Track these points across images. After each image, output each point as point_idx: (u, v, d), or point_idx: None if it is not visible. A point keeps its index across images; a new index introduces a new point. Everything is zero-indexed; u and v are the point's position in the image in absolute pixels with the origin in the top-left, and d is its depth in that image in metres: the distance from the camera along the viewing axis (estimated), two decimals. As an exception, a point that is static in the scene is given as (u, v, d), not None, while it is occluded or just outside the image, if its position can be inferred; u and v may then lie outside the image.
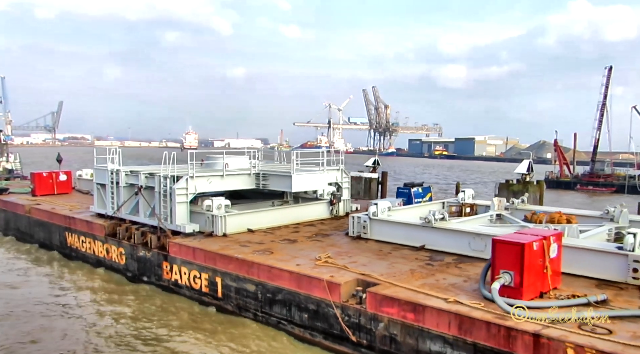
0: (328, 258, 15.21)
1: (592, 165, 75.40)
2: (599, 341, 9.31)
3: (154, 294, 18.31)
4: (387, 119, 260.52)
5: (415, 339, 11.60)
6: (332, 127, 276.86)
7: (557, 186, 71.86)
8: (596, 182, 71.11)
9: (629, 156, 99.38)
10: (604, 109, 71.89)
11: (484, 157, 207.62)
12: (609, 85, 71.18)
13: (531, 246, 11.33)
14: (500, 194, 28.20)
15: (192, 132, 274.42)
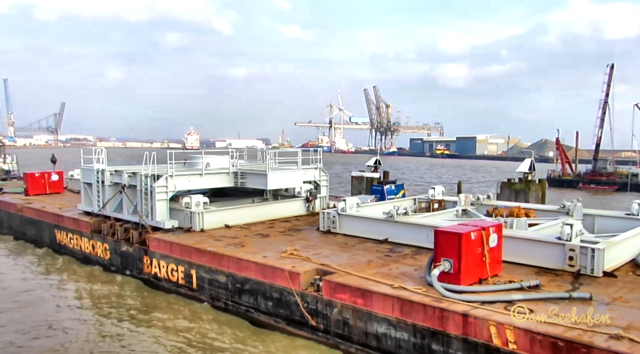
0: (294, 251, 16.24)
1: (594, 163, 75.29)
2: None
3: (133, 287, 19.32)
4: (389, 119, 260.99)
5: (364, 322, 12.64)
6: (334, 127, 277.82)
7: (559, 184, 71.91)
8: (598, 181, 71.00)
9: (631, 154, 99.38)
10: (606, 107, 71.75)
11: (485, 156, 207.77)
12: (610, 83, 71.12)
13: (469, 236, 12.36)
14: (502, 193, 28.61)
15: (193, 133, 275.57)
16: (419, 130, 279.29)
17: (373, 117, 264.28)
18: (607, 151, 79.38)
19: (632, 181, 67.80)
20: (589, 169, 76.40)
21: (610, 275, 13.32)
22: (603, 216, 19.15)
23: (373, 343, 12.50)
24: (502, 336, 10.25)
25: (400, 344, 11.96)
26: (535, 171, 28.13)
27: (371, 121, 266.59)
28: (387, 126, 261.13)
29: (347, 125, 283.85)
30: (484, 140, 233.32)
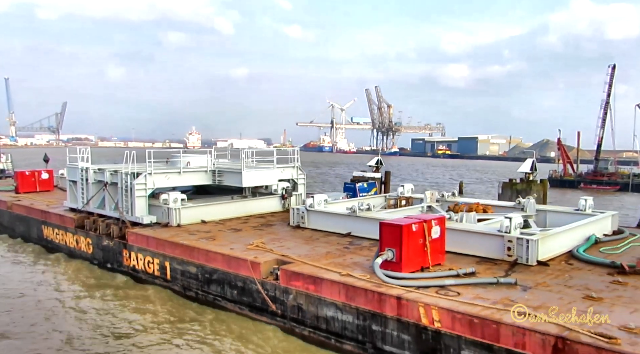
0: (260, 243, 17.39)
1: (596, 163, 75.52)
2: (442, 300, 11.53)
3: (113, 280, 20.47)
4: (390, 119, 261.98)
5: (315, 307, 13.80)
6: (335, 127, 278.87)
7: (561, 184, 72.18)
8: (600, 181, 71.19)
9: (633, 154, 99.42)
10: (608, 107, 72.02)
11: (487, 156, 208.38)
12: (612, 84, 71.36)
13: (410, 227, 13.53)
14: (504, 193, 28.68)
15: (195, 133, 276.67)
16: (421, 130, 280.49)
17: (375, 117, 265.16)
18: (609, 151, 79.59)
19: (634, 181, 67.67)
20: (590, 169, 76.51)
21: (543, 264, 14.50)
22: (554, 211, 20.35)
23: (323, 326, 13.67)
24: (429, 316, 11.42)
25: (346, 326, 13.13)
26: (536, 171, 28.12)
27: (373, 121, 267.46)
28: (389, 126, 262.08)
29: (349, 125, 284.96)
30: (485, 140, 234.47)
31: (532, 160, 28.31)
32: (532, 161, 28.19)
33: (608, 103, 71.63)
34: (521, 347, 10.05)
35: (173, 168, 23.72)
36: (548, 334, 9.72)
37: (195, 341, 14.32)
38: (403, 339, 11.98)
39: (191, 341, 14.32)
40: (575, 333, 9.57)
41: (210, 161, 24.97)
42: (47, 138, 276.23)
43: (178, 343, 14.21)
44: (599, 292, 11.98)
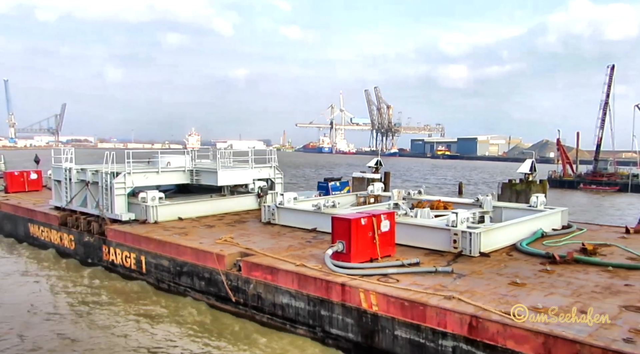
0: (229, 238, 18.54)
1: (595, 164, 75.59)
2: (380, 286, 12.70)
3: (92, 274, 21.58)
4: (390, 120, 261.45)
5: (272, 295, 14.95)
6: (335, 128, 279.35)
7: (560, 185, 72.10)
8: (599, 181, 70.99)
9: (632, 154, 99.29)
10: (607, 107, 71.99)
11: (486, 157, 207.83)
12: (611, 84, 71.40)
13: (358, 221, 14.70)
14: (503, 193, 28.73)
15: (194, 134, 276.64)
16: (420, 131, 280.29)
17: (374, 118, 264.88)
18: (608, 152, 79.24)
19: (633, 182, 67.56)
20: (589, 169, 76.58)
21: (484, 255, 15.69)
22: (509, 208, 21.56)
23: (279, 312, 14.82)
24: (368, 301, 12.59)
25: (299, 312, 14.28)
26: (536, 171, 28.04)
27: (372, 121, 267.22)
28: (388, 126, 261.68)
29: (348, 126, 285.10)
30: (485, 141, 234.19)
31: (532, 160, 28.33)
32: (532, 161, 28.22)
33: (607, 103, 71.81)
34: (443, 326, 11.23)
35: (151, 168, 24.82)
36: (465, 314, 10.90)
37: (163, 330, 15.41)
38: (347, 323, 13.14)
39: (159, 330, 15.42)
40: (487, 312, 10.75)
41: (189, 161, 26.08)
42: (46, 139, 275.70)
43: (150, 332, 15.30)
44: (525, 279, 13.18)
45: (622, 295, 11.91)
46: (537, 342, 9.88)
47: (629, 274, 13.65)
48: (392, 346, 12.20)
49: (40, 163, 49.22)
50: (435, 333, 11.37)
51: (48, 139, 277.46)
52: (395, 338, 12.14)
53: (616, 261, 14.68)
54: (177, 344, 14.33)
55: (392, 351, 12.21)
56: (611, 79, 71.21)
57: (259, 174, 27.48)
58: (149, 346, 14.20)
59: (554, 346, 9.66)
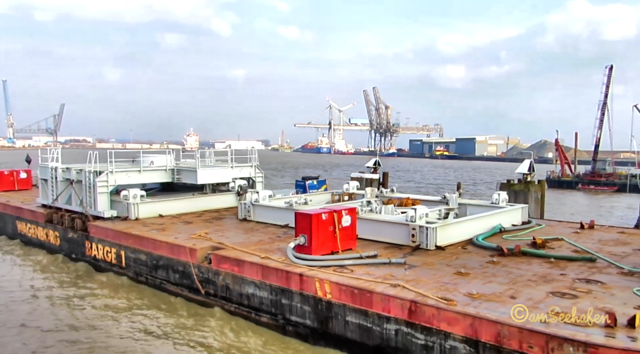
0: (203, 233, 19.48)
1: (594, 164, 75.70)
2: (333, 276, 13.69)
3: (76, 269, 22.51)
4: (388, 120, 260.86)
5: (239, 285, 15.92)
6: (333, 128, 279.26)
7: (559, 185, 72.14)
8: (598, 182, 71.02)
9: (631, 154, 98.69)
10: (605, 108, 72.00)
11: (485, 157, 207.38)
12: (609, 85, 71.26)
13: (319, 216, 15.68)
14: None
15: (193, 134, 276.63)
16: (419, 131, 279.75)
17: (373, 118, 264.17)
18: (606, 152, 79.63)
19: (631, 182, 67.45)
20: (588, 170, 76.74)
21: (440, 248, 16.69)
22: (472, 204, 22.58)
23: (245, 302, 15.79)
24: (323, 289, 13.58)
25: (262, 301, 15.26)
26: (534, 172, 27.95)
27: (371, 122, 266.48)
28: (387, 127, 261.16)
29: (347, 126, 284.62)
30: (483, 141, 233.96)
31: (530, 161, 28.29)
32: (530, 161, 28.18)
33: (605, 104, 71.81)
34: (387, 311, 12.22)
35: (134, 167, 25.75)
36: (405, 300, 11.90)
37: (140, 321, 16.34)
38: (305, 310, 14.13)
39: (136, 321, 16.34)
40: (425, 298, 11.76)
41: (171, 160, 27.03)
42: (45, 140, 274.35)
43: (127, 322, 16.24)
44: (470, 269, 14.19)
45: (554, 283, 12.94)
46: (465, 323, 10.89)
47: (568, 265, 14.68)
48: (344, 331, 13.20)
49: (31, 163, 50.00)
50: (381, 318, 12.37)
51: (46, 139, 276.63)
52: (346, 324, 13.13)
53: (558, 253, 15.72)
54: (152, 337, 15.27)
55: (344, 336, 13.20)
56: (609, 79, 71.18)
57: (240, 173, 28.45)
58: (125, 337, 15.11)
59: (480, 326, 10.67)
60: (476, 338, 10.72)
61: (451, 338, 11.12)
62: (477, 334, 10.71)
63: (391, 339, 12.21)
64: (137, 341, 14.76)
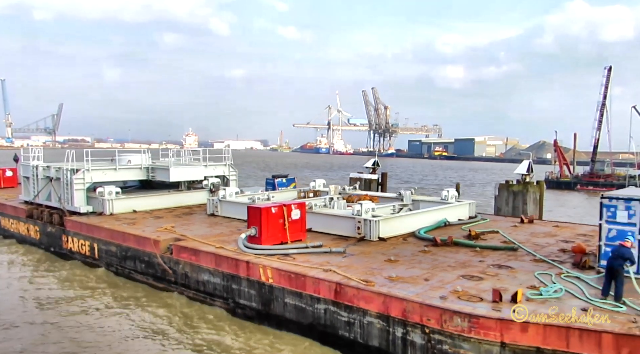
0: (169, 227, 20.95)
1: (592, 165, 75.60)
2: (275, 262, 15.21)
3: (53, 260, 23.95)
4: (387, 120, 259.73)
5: (197, 273, 17.41)
6: (332, 128, 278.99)
7: (558, 186, 72.26)
8: (596, 182, 70.80)
9: (629, 155, 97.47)
10: (604, 109, 71.77)
11: (483, 157, 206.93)
12: (608, 86, 71.01)
13: (269, 210, 17.19)
14: (500, 194, 28.39)
15: (191, 134, 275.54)
16: (417, 131, 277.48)
17: (371, 119, 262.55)
18: (605, 153, 78.97)
19: (630, 183, 66.27)
20: (586, 170, 76.72)
21: (382, 240, 18.23)
22: (425, 201, 24.13)
23: (202, 288, 17.28)
24: (266, 275, 15.09)
25: (216, 287, 16.76)
26: (533, 172, 28.02)
27: (369, 122, 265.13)
28: (386, 127, 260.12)
29: (346, 126, 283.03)
30: (482, 141, 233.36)
31: (529, 161, 28.38)
32: (529, 162, 28.25)
33: (604, 105, 71.68)
34: (317, 292, 13.74)
35: (109, 165, 27.19)
36: (332, 282, 13.43)
37: (110, 306, 17.80)
38: (251, 294, 15.63)
39: (107, 305, 17.81)
40: (348, 280, 13.28)
41: (146, 159, 28.48)
42: (43, 139, 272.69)
43: (97, 307, 17.71)
44: (401, 257, 15.74)
45: (469, 268, 14.50)
46: (379, 301, 12.43)
47: (490, 253, 16.26)
48: (283, 311, 14.71)
49: (19, 162, 51.30)
50: (312, 299, 13.88)
51: (45, 138, 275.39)
52: (285, 305, 14.64)
53: (485, 244, 17.29)
54: (113, 322, 16.74)
55: (283, 316, 14.71)
56: (608, 80, 71.16)
57: (214, 172, 29.92)
58: (93, 324, 16.56)
59: (390, 303, 12.20)
60: (387, 314, 12.26)
61: (368, 314, 12.66)
62: (388, 311, 12.24)
63: (321, 317, 13.73)
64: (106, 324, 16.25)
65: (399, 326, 12.08)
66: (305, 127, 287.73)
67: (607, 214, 13.72)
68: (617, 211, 13.50)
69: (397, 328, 12.10)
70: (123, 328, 15.72)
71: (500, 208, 27.79)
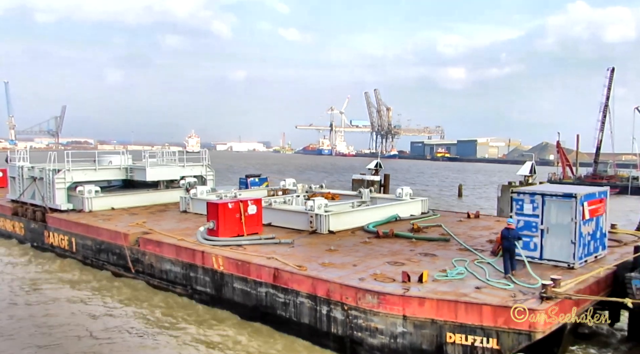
0: (141, 222, 22.63)
1: (595, 166, 75.32)
2: (226, 252, 16.91)
3: (35, 254, 25.65)
4: (389, 122, 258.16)
5: (160, 263, 19.10)
6: (334, 130, 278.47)
7: None
8: (599, 184, 68.73)
9: (632, 157, 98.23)
10: (607, 110, 71.07)
11: (486, 159, 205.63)
12: (611, 87, 70.60)
13: (226, 205, 18.90)
14: (503, 195, 28.10)
15: (194, 136, 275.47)
16: (420, 133, 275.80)
17: (374, 120, 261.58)
18: (608, 154, 78.41)
19: (633, 184, 66.92)
20: (589, 172, 76.38)
21: (332, 233, 19.93)
22: (382, 198, 25.87)
23: (164, 277, 18.98)
24: (217, 263, 16.79)
25: (176, 275, 18.46)
26: (536, 173, 27.97)
27: (372, 123, 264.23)
28: (388, 128, 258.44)
29: (348, 128, 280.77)
30: (484, 143, 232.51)
31: (532, 163, 28.33)
32: (532, 163, 28.20)
33: (607, 106, 70.90)
34: (260, 277, 15.45)
35: (90, 165, 28.91)
36: (271, 267, 15.13)
37: (87, 293, 19.50)
38: (206, 281, 17.33)
39: (85, 291, 19.51)
40: (285, 266, 14.99)
41: (126, 160, 30.23)
42: (46, 141, 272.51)
43: (76, 295, 19.41)
44: (342, 248, 17.43)
45: (398, 256, 16.21)
46: (308, 283, 14.13)
47: (424, 244, 18.00)
48: (232, 295, 16.41)
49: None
50: (256, 283, 15.59)
51: (48, 140, 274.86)
52: (233, 289, 16.34)
53: (422, 235, 19.02)
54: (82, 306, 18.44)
55: (232, 299, 16.41)
56: (611, 81, 70.73)
57: (191, 172, 31.66)
58: (71, 310, 18.25)
59: (317, 284, 13.91)
60: (315, 294, 13.97)
61: (300, 295, 14.36)
62: (316, 291, 13.95)
63: (262, 299, 15.43)
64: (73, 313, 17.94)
65: (324, 304, 13.78)
66: (308, 128, 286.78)
67: (516, 207, 15.42)
68: (524, 204, 15.21)
69: (323, 306, 13.80)
70: (93, 312, 17.40)
71: (503, 209, 27.39)
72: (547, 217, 14.80)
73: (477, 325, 11.64)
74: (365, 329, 12.92)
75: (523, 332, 11.27)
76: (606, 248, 16.07)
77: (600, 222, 15.65)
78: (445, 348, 12.01)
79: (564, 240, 14.53)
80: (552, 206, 14.69)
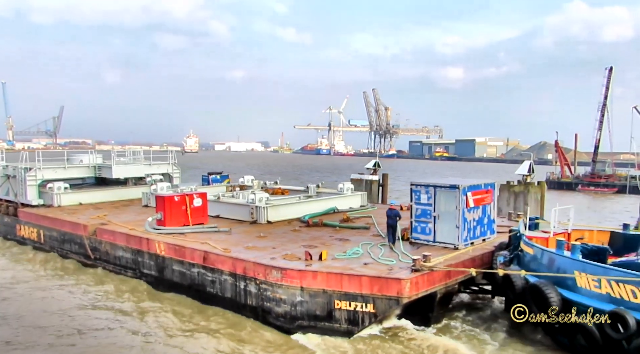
0: (102, 215, 24.84)
1: (593, 166, 75.55)
2: (167, 238, 19.19)
3: (7, 246, 27.80)
4: (388, 121, 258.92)
5: (114, 250, 21.35)
6: (333, 129, 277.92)
7: (559, 186, 72.34)
8: (597, 183, 70.88)
9: (630, 156, 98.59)
10: (605, 109, 71.27)
11: (484, 158, 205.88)
12: (609, 86, 70.60)
13: (172, 198, 21.19)
14: (502, 194, 28.26)
15: (192, 136, 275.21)
16: (418, 132, 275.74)
17: (372, 120, 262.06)
18: (606, 153, 79.08)
19: (631, 183, 67.19)
20: (588, 171, 76.79)
21: (270, 223, 22.26)
22: (326, 192, 28.25)
23: (118, 262, 21.23)
24: (160, 248, 19.07)
25: (127, 260, 20.72)
26: (534, 173, 27.97)
27: (370, 123, 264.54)
28: (387, 128, 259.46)
29: (347, 128, 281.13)
30: (483, 142, 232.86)
31: (530, 162, 28.40)
32: (530, 163, 28.24)
33: (605, 105, 71.12)
34: (193, 259, 17.74)
35: (59, 164, 31.08)
36: (201, 251, 17.44)
37: (51, 277, 21.70)
38: (150, 265, 19.61)
39: (49, 276, 21.71)
40: (214, 249, 17.29)
41: (94, 159, 32.45)
42: (44, 142, 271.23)
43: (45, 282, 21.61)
44: (271, 235, 19.77)
45: (316, 240, 18.57)
46: (230, 263, 16.45)
47: (346, 231, 20.39)
48: (172, 276, 18.69)
49: None
50: (190, 265, 17.88)
51: (46, 141, 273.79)
52: (173, 271, 18.63)
53: (347, 224, 21.40)
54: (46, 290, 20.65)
55: (172, 280, 18.69)
56: (609, 81, 70.70)
57: (158, 169, 33.88)
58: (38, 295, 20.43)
59: (236, 264, 16.23)
60: (234, 272, 16.29)
61: (224, 273, 16.67)
62: (235, 269, 16.27)
63: (195, 278, 17.73)
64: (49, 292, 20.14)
65: (242, 280, 16.10)
66: (306, 128, 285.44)
67: (414, 197, 17.83)
68: (420, 194, 17.61)
69: (241, 282, 16.13)
70: (56, 296, 19.58)
71: (502, 208, 27.29)
72: (438, 205, 17.23)
73: (358, 293, 14.03)
74: (272, 299, 15.26)
75: (393, 298, 13.68)
76: (495, 233, 18.50)
77: (488, 210, 18.09)
78: (334, 313, 14.37)
79: (450, 225, 16.96)
80: (442, 196, 17.11)
